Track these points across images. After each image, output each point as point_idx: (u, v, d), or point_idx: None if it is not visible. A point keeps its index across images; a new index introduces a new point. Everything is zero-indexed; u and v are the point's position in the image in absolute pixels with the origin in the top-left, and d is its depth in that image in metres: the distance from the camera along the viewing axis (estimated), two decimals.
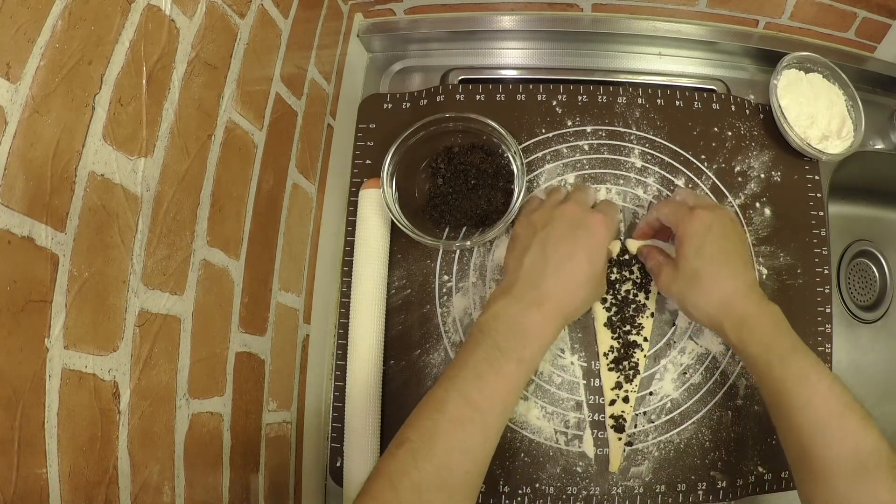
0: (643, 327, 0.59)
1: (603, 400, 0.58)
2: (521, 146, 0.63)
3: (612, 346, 0.59)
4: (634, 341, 0.59)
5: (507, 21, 0.71)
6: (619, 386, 0.58)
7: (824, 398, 0.44)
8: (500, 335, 0.45)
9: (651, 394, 0.59)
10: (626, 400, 0.58)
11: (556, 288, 0.47)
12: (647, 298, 0.59)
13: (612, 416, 0.57)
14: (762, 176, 0.64)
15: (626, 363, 0.58)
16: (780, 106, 0.64)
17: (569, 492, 0.57)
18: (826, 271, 0.62)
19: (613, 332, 0.59)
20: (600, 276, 0.52)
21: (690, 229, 0.51)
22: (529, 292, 0.47)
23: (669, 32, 0.70)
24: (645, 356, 0.59)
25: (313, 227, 0.62)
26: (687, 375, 0.59)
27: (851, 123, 0.65)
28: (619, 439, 0.57)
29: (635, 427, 0.58)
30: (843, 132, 0.65)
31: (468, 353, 0.45)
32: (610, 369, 0.58)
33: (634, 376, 0.58)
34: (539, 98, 0.66)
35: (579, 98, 0.66)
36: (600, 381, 0.59)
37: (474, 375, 0.44)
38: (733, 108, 0.67)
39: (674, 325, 0.60)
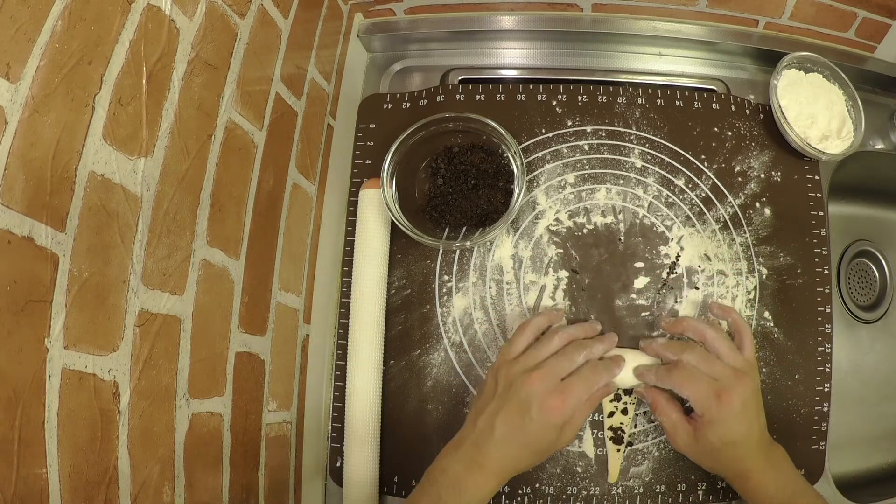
0: None
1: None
2: (521, 146, 0.63)
3: None
4: None
5: (507, 21, 0.71)
6: (617, 398, 0.58)
7: None
8: (444, 489, 0.49)
9: None
10: (624, 412, 0.57)
11: (497, 456, 0.50)
12: None
13: (610, 428, 0.57)
14: (762, 176, 0.64)
15: None
16: (780, 106, 0.64)
17: (569, 492, 0.57)
18: (826, 271, 0.62)
19: None
20: (549, 447, 0.52)
21: (717, 416, 0.50)
22: (474, 454, 0.50)
23: (669, 32, 0.70)
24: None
25: (313, 227, 0.62)
26: None
27: (851, 123, 0.65)
28: (618, 451, 0.57)
29: (635, 427, 0.58)
30: (843, 132, 0.65)
31: (417, 498, 0.50)
32: None
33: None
34: (539, 98, 0.66)
35: (579, 98, 0.66)
36: None
37: None
38: (733, 108, 0.67)
39: None
